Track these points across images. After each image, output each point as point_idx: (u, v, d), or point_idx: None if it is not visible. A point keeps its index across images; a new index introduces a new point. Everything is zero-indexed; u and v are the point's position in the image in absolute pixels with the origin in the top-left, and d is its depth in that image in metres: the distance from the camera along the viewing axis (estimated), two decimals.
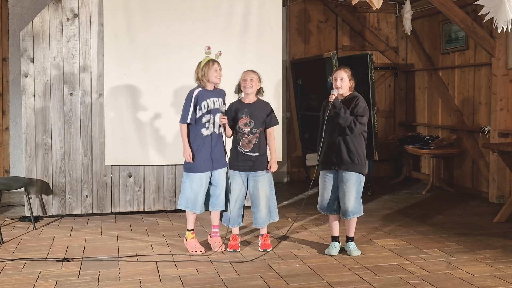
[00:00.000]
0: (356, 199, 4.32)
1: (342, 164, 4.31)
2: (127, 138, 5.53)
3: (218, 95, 4.45)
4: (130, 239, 4.80)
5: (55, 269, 3.99)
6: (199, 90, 4.39)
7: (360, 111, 4.29)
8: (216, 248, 4.47)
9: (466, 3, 6.55)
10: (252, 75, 4.40)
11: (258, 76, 4.43)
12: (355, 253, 4.36)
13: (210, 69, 4.35)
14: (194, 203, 4.40)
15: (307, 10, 7.95)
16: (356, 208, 4.33)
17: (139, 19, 5.49)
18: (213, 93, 4.42)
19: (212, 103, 4.39)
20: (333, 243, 4.45)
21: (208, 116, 4.38)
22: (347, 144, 4.30)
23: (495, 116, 6.34)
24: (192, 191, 4.39)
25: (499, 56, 6.23)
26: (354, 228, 4.44)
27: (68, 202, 5.57)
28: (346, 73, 4.37)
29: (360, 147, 4.33)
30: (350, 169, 4.29)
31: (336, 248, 4.41)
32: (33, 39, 5.40)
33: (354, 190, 4.31)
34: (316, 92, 7.19)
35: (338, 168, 4.33)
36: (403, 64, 8.32)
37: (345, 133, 4.29)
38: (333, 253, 4.37)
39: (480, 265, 4.10)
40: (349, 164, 4.30)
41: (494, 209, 5.89)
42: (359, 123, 4.27)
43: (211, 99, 4.39)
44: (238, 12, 5.69)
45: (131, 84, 5.51)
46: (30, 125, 5.44)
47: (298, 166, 8.03)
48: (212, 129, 4.41)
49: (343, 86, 4.34)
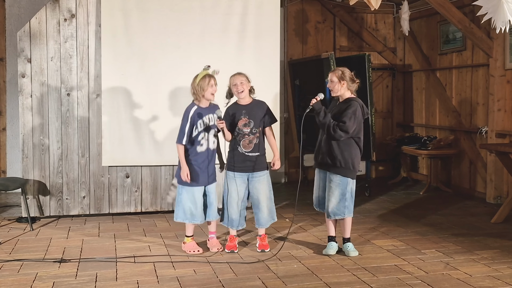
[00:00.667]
0: (340, 201, 4.28)
1: (325, 165, 4.36)
2: (125, 138, 5.52)
3: (213, 111, 4.44)
4: (128, 240, 4.79)
5: (52, 270, 3.97)
6: (195, 108, 4.37)
7: (344, 118, 4.20)
8: (213, 249, 4.48)
9: (463, 3, 6.56)
10: (240, 78, 4.39)
11: (246, 76, 4.42)
12: (353, 253, 4.35)
13: (207, 84, 4.32)
14: (193, 214, 4.42)
15: (305, 10, 7.95)
16: (338, 210, 4.29)
17: (136, 19, 5.48)
18: (208, 109, 4.42)
19: (207, 120, 4.40)
20: (330, 243, 4.44)
21: (202, 133, 4.39)
22: (331, 147, 4.29)
23: (492, 117, 6.34)
24: (190, 203, 4.41)
25: (496, 57, 6.24)
26: (349, 229, 4.42)
27: (65, 202, 5.56)
28: (334, 74, 4.37)
29: (347, 152, 4.25)
30: (332, 171, 4.31)
31: (334, 248, 4.40)
32: (30, 39, 5.39)
33: (337, 192, 4.28)
34: (314, 92, 7.15)
35: (323, 169, 4.40)
36: (400, 65, 8.33)
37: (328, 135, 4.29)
38: (330, 253, 4.36)
39: (478, 265, 4.10)
40: (331, 167, 4.31)
41: (492, 210, 5.89)
42: (339, 129, 4.18)
43: (206, 117, 4.40)
44: (236, 13, 5.68)
45: (129, 84, 5.49)
46: (27, 126, 5.43)
47: (295, 167, 8.03)
48: (207, 146, 4.42)
49: (333, 88, 4.39)
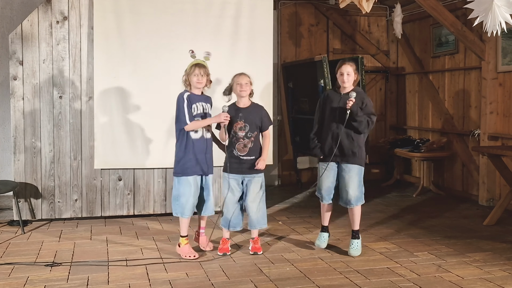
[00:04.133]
0: (358, 188, 4.40)
1: (344, 156, 4.36)
2: (117, 141, 5.50)
3: (206, 101, 4.45)
4: (120, 243, 4.77)
5: (43, 273, 3.95)
6: (188, 93, 4.37)
7: (371, 111, 4.32)
8: (205, 247, 4.52)
9: (456, 7, 6.59)
10: (247, 78, 4.39)
11: (250, 79, 4.43)
12: (354, 252, 4.39)
13: (191, 74, 4.34)
14: (184, 207, 4.36)
15: (298, 13, 7.96)
16: (358, 197, 4.41)
17: (129, 21, 5.47)
18: (200, 97, 4.42)
19: (201, 107, 4.38)
20: (321, 234, 4.55)
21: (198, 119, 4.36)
22: (350, 139, 4.34)
23: (485, 120, 6.37)
24: (183, 195, 4.35)
25: (488, 60, 6.27)
26: (358, 220, 4.49)
27: (57, 206, 5.53)
28: (352, 67, 4.34)
29: (361, 142, 4.38)
30: (350, 161, 4.35)
31: (325, 239, 4.55)
32: (22, 42, 5.36)
33: (356, 180, 4.38)
34: (307, 95, 7.19)
35: (340, 161, 4.39)
36: (393, 68, 8.35)
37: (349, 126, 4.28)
38: (322, 246, 4.50)
39: (470, 268, 4.11)
40: (350, 157, 4.35)
41: (484, 212, 5.91)
42: (371, 122, 4.31)
43: (200, 103, 4.38)
44: (229, 15, 5.68)
45: (121, 87, 5.48)
46: (19, 128, 5.40)
47: (289, 169, 8.03)
48: (202, 133, 4.38)
49: (349, 80, 4.34)
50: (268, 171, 7.77)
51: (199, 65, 4.35)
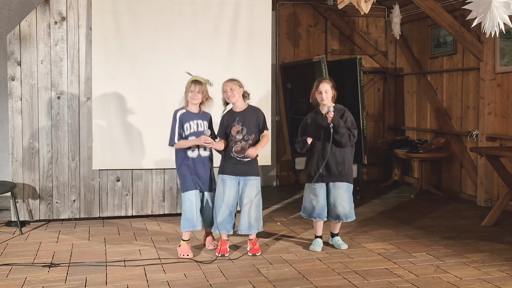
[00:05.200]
0: (349, 204, 4.52)
1: (331, 177, 4.46)
2: (115, 142, 5.49)
3: (203, 118, 4.46)
4: (118, 244, 4.76)
5: (41, 274, 3.94)
6: (183, 111, 4.43)
7: (351, 125, 4.44)
8: (209, 246, 4.60)
9: (454, 7, 6.60)
10: (230, 84, 4.37)
11: (237, 82, 4.39)
12: (344, 246, 4.60)
13: (187, 91, 4.40)
14: (193, 221, 4.42)
15: (296, 14, 7.96)
16: (350, 213, 4.54)
17: (127, 22, 5.46)
18: (197, 115, 4.44)
19: (195, 126, 4.41)
20: (317, 239, 4.64)
21: (191, 137, 4.40)
22: (336, 157, 4.43)
23: (483, 120, 6.37)
24: (189, 211, 4.42)
25: (486, 61, 6.27)
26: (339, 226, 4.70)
27: (55, 206, 5.52)
28: (329, 84, 4.50)
29: (348, 158, 4.49)
30: (339, 179, 4.47)
31: (320, 244, 4.62)
32: (20, 42, 5.36)
33: (347, 197, 4.50)
34: (305, 96, 7.17)
35: (327, 181, 4.48)
36: (392, 68, 8.36)
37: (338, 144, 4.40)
38: (317, 249, 4.56)
39: (468, 268, 4.11)
40: (337, 176, 4.46)
41: (482, 213, 5.92)
42: (353, 136, 4.42)
43: (194, 121, 4.41)
44: (227, 16, 5.68)
45: (119, 87, 5.47)
46: (17, 129, 5.39)
47: (287, 170, 8.03)
48: (198, 152, 4.43)
49: (327, 98, 4.45)
50: (267, 172, 7.77)
51: (195, 82, 4.39)
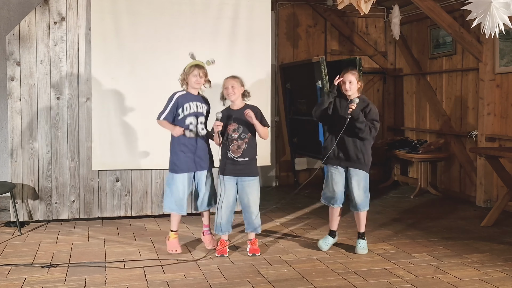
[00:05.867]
0: (364, 193, 4.50)
1: (349, 162, 4.45)
2: (115, 142, 5.49)
3: (202, 101, 4.52)
4: (117, 244, 4.76)
5: (40, 275, 3.94)
6: (182, 93, 4.47)
7: (374, 117, 4.42)
8: (209, 246, 4.59)
9: (453, 8, 6.60)
10: (232, 81, 4.37)
11: (239, 80, 4.40)
12: (362, 251, 4.52)
13: (191, 74, 4.42)
14: (180, 204, 4.47)
15: (296, 14, 7.96)
16: (365, 202, 4.52)
17: (127, 22, 5.46)
18: (196, 97, 4.49)
19: (195, 106, 4.44)
20: (328, 236, 4.62)
21: (191, 118, 4.43)
22: (356, 146, 4.43)
23: (482, 121, 6.38)
24: (177, 193, 4.45)
25: (486, 61, 6.28)
26: (364, 224, 4.61)
27: (54, 207, 5.51)
28: (354, 75, 4.44)
29: (367, 149, 4.47)
30: (357, 167, 4.45)
31: (329, 243, 4.60)
32: (20, 43, 5.35)
33: (362, 186, 4.49)
34: (305, 96, 7.19)
35: (346, 166, 4.47)
36: (391, 69, 8.36)
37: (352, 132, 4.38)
38: (323, 248, 4.54)
39: (468, 269, 4.11)
40: (355, 162, 4.44)
41: (482, 213, 5.92)
42: (374, 129, 4.39)
43: (194, 103, 4.45)
44: (226, 16, 5.68)
45: (119, 88, 5.47)
46: (16, 129, 5.39)
47: (287, 170, 8.02)
48: (196, 132, 4.46)
49: (351, 89, 4.41)
50: (266, 172, 7.76)
51: (198, 66, 4.43)
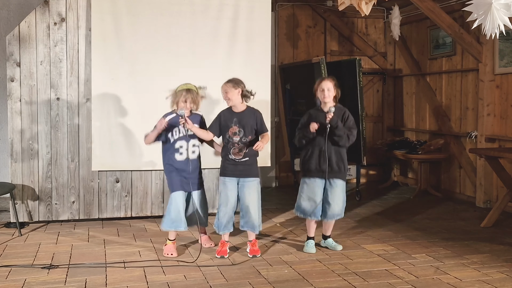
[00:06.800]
0: (343, 202, 4.59)
1: (331, 172, 4.48)
2: (115, 143, 5.48)
3: (193, 120, 4.43)
4: (118, 245, 4.76)
5: (41, 276, 3.93)
6: (172, 116, 4.41)
7: (352, 125, 4.47)
8: (206, 244, 4.62)
9: (453, 9, 6.60)
10: (224, 87, 4.37)
11: (231, 84, 4.36)
12: (339, 247, 4.63)
13: (179, 99, 4.36)
14: (178, 221, 4.43)
15: (295, 15, 7.96)
16: (341, 211, 4.60)
17: (127, 23, 5.46)
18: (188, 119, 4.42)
19: (185, 129, 4.37)
20: (309, 241, 4.65)
21: (181, 142, 4.41)
22: (337, 155, 4.47)
23: (482, 121, 6.38)
24: (174, 211, 4.43)
25: (486, 62, 6.28)
26: (331, 228, 4.72)
27: (54, 207, 5.51)
28: (332, 83, 4.48)
29: (344, 157, 4.55)
30: (336, 176, 4.50)
31: (313, 245, 4.63)
32: (20, 43, 5.35)
33: (341, 195, 4.55)
34: (304, 97, 7.19)
35: (328, 177, 4.48)
36: (391, 69, 8.36)
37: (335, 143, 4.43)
38: (312, 251, 4.58)
39: (468, 270, 4.12)
40: (337, 172, 4.50)
41: (481, 214, 5.92)
42: (352, 136, 4.44)
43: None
44: (226, 17, 5.68)
45: (119, 88, 5.47)
46: (16, 130, 5.38)
47: (286, 171, 8.02)
48: (186, 155, 4.42)
49: (330, 96, 4.45)
50: (266, 173, 7.76)
51: (189, 90, 4.38)
